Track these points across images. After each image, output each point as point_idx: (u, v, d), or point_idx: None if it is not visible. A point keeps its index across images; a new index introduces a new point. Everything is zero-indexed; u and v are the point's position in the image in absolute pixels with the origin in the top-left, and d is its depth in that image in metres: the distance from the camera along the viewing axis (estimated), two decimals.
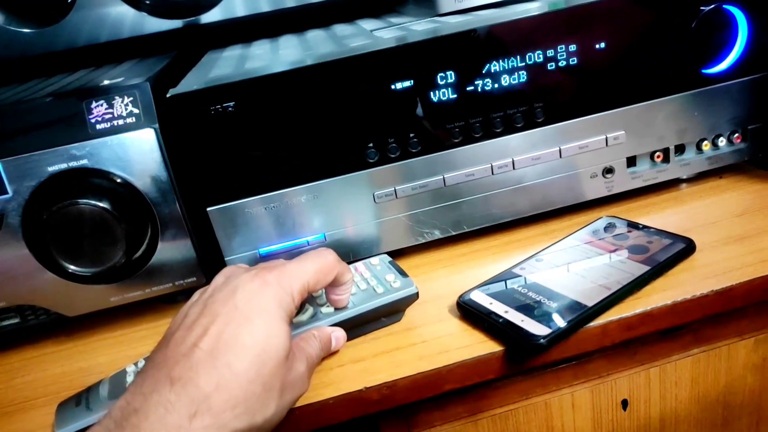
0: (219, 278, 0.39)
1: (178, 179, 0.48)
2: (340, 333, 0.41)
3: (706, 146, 0.55)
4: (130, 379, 0.41)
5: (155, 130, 0.46)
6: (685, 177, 0.57)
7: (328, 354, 0.42)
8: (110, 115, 0.46)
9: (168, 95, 0.45)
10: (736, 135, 0.55)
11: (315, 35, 0.65)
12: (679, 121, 0.53)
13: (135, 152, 0.46)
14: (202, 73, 0.52)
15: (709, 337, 0.47)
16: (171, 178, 0.47)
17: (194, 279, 0.50)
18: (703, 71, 0.52)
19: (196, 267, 0.50)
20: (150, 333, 0.52)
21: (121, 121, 0.46)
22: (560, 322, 0.40)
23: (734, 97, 0.53)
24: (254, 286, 0.35)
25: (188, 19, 0.68)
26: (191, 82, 0.49)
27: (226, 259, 0.51)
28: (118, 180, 0.46)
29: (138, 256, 0.48)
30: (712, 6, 0.49)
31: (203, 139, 0.46)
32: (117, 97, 0.46)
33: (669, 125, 0.53)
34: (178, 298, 0.53)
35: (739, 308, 0.44)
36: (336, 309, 0.43)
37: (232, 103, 0.46)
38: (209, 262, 0.51)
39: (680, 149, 0.55)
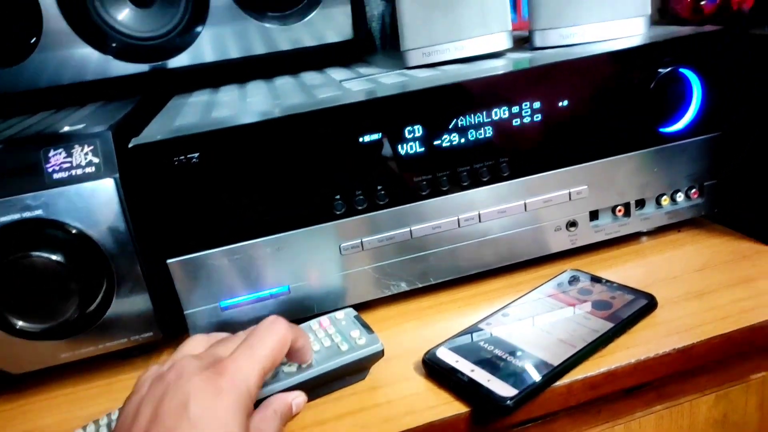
0: (170, 374, 0.35)
1: (138, 230, 0.47)
2: (300, 399, 0.40)
3: (665, 201, 0.56)
4: None
5: (115, 180, 0.45)
6: (645, 230, 0.58)
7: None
8: (68, 164, 0.44)
9: (130, 145, 0.44)
10: (694, 191, 0.56)
11: (284, 83, 0.65)
12: (639, 176, 0.55)
13: (93, 203, 0.44)
14: (166, 121, 0.52)
15: (672, 394, 0.47)
16: (130, 229, 0.45)
17: (151, 334, 0.48)
18: (661, 130, 0.54)
19: (154, 321, 0.48)
20: (103, 390, 0.49)
21: (79, 171, 0.44)
22: (526, 382, 0.40)
23: (691, 155, 0.55)
24: (208, 395, 0.33)
25: (155, 64, 0.67)
26: (155, 130, 0.48)
27: (185, 312, 0.49)
28: (74, 231, 0.44)
29: (92, 310, 0.46)
30: (669, 69, 0.51)
31: (166, 189, 0.45)
32: (77, 146, 0.45)
33: (629, 181, 0.55)
34: (134, 353, 0.51)
35: (700, 365, 0.45)
36: (298, 367, 0.41)
37: (196, 154, 0.45)
38: (168, 315, 0.50)
39: (640, 204, 0.56)
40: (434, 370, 0.43)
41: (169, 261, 0.47)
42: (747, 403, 0.49)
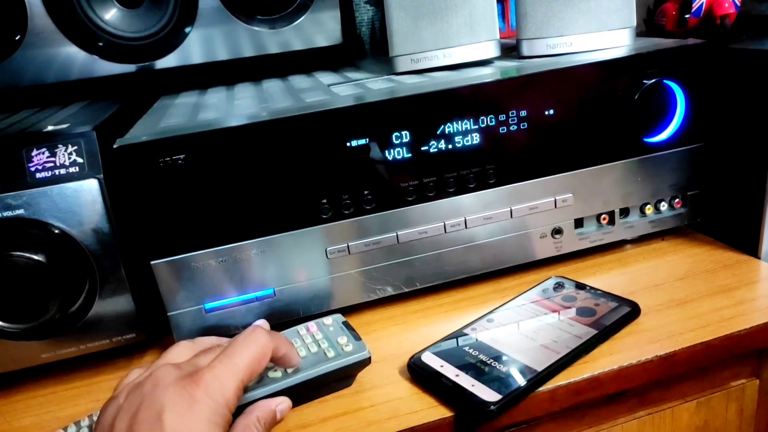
0: (147, 383, 0.35)
1: (122, 231, 0.46)
2: (285, 405, 0.40)
3: (649, 210, 0.57)
4: None
5: (99, 180, 0.44)
6: (629, 239, 0.59)
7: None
8: (52, 164, 0.44)
9: (115, 146, 0.44)
10: (677, 200, 0.57)
11: (272, 86, 0.65)
12: (624, 185, 0.55)
13: (76, 203, 0.44)
14: (152, 122, 0.51)
15: (654, 400, 0.48)
16: (113, 230, 0.45)
17: (134, 335, 0.48)
18: (645, 140, 0.54)
19: (136, 323, 0.48)
20: (83, 391, 0.48)
21: (63, 171, 0.44)
22: (510, 387, 0.40)
23: (674, 165, 0.56)
24: (183, 406, 0.33)
25: (142, 64, 0.67)
26: (140, 131, 0.47)
27: (169, 314, 0.48)
28: (57, 231, 0.44)
29: (74, 310, 0.46)
30: (654, 80, 0.52)
31: (150, 191, 0.45)
32: (60, 146, 0.44)
33: (614, 189, 0.55)
34: (117, 354, 0.50)
35: (682, 372, 0.45)
36: (284, 372, 0.41)
37: (182, 156, 0.44)
38: (151, 317, 0.49)
39: (625, 212, 0.57)
40: (419, 374, 0.43)
41: (153, 262, 0.47)
42: (727, 410, 0.50)
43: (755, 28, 0.61)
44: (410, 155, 0.49)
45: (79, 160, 0.44)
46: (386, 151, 0.49)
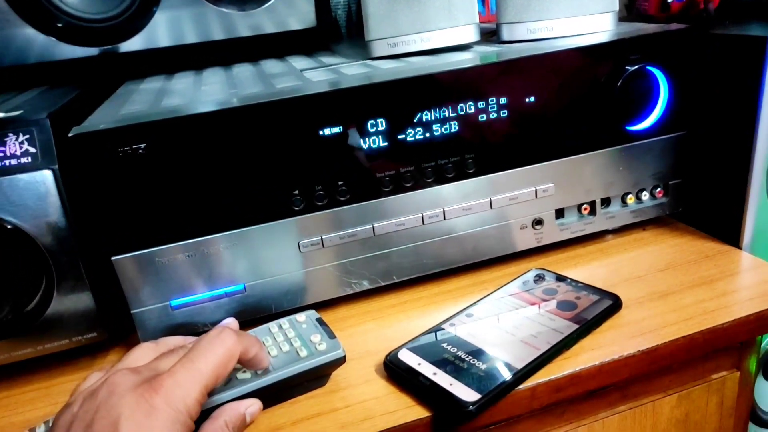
0: (102, 390, 0.32)
1: (80, 225, 0.43)
2: (255, 407, 0.38)
3: (631, 200, 0.56)
4: None
5: (54, 171, 0.41)
6: (610, 229, 0.57)
7: None
8: (2, 154, 0.41)
9: (71, 134, 0.41)
10: (659, 190, 0.56)
11: (242, 70, 0.62)
12: (605, 175, 0.54)
13: (29, 196, 0.41)
14: (113, 109, 0.48)
15: (636, 394, 0.47)
16: (70, 224, 0.42)
17: (94, 334, 0.45)
18: (628, 128, 0.53)
19: (98, 321, 0.45)
20: (41, 394, 0.46)
21: (14, 161, 0.41)
22: (490, 386, 0.38)
23: (656, 154, 0.55)
24: (140, 415, 0.30)
25: (105, 47, 0.63)
26: (99, 118, 0.45)
27: (132, 312, 0.46)
28: (9, 226, 0.41)
29: (29, 309, 0.43)
30: (637, 66, 0.50)
31: (109, 182, 0.42)
32: (11, 134, 0.41)
33: (596, 179, 0.54)
34: (78, 354, 0.48)
35: (664, 366, 0.44)
36: (254, 373, 0.39)
37: (143, 145, 0.42)
38: (114, 315, 0.47)
39: (606, 202, 0.56)
40: (395, 372, 0.42)
41: (114, 258, 0.44)
42: (708, 403, 0.49)
43: (738, 12, 0.60)
44: (386, 144, 0.47)
45: (32, 149, 0.42)
46: (361, 140, 0.47)
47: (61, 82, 0.63)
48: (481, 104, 0.49)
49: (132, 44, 0.64)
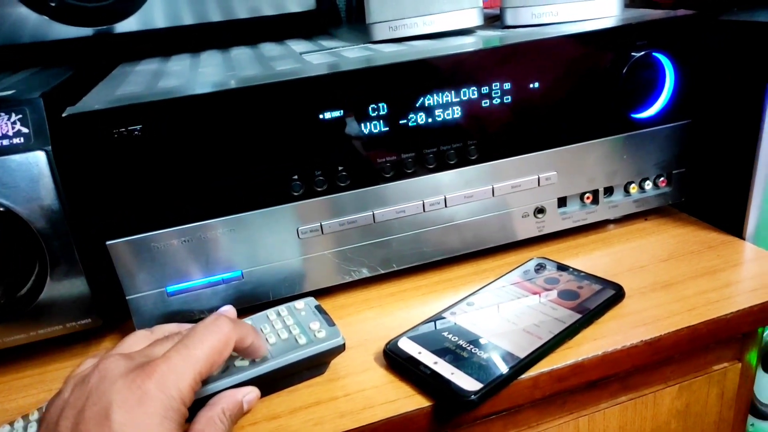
0: (93, 377, 0.32)
1: (74, 208, 0.42)
2: (252, 395, 0.37)
3: (634, 189, 0.55)
4: None
5: (47, 152, 0.40)
6: (612, 218, 0.57)
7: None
8: None
9: (65, 114, 0.40)
10: (662, 179, 0.55)
11: (240, 53, 0.61)
12: (609, 163, 0.53)
13: (22, 177, 0.40)
14: (108, 90, 0.47)
15: (637, 385, 0.46)
16: (64, 207, 0.41)
17: (89, 320, 0.45)
18: (633, 116, 0.52)
19: (92, 307, 0.44)
20: (35, 380, 0.45)
21: (6, 142, 0.40)
22: (492, 376, 0.38)
23: (660, 143, 0.54)
24: (133, 401, 0.30)
25: (100, 28, 0.62)
26: (94, 99, 0.43)
27: (128, 298, 0.45)
28: (1, 209, 0.40)
29: (22, 294, 0.42)
30: (643, 53, 0.49)
31: (104, 165, 0.41)
32: (3, 114, 0.40)
33: (599, 167, 0.53)
34: (72, 340, 0.47)
35: (667, 356, 0.44)
36: (252, 361, 0.38)
37: (138, 126, 0.41)
38: (109, 300, 0.46)
39: (609, 191, 0.55)
40: (396, 361, 0.41)
41: (108, 243, 0.43)
42: (708, 394, 0.49)
43: None
44: (387, 129, 0.46)
45: (25, 130, 0.40)
46: (362, 125, 0.46)
47: (54, 63, 0.62)
48: (484, 90, 0.48)
49: (127, 25, 0.62)
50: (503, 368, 0.39)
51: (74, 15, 0.60)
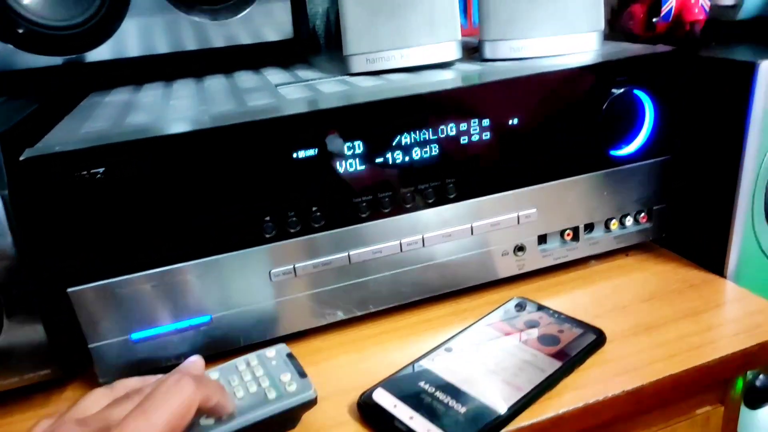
0: None
1: (33, 254, 0.40)
2: None
3: (614, 225, 0.54)
4: None
5: (3, 197, 0.38)
6: (593, 255, 0.56)
7: None
8: None
9: (22, 157, 0.38)
10: (642, 215, 0.55)
11: (214, 83, 0.60)
12: (589, 200, 0.52)
13: None
14: (73, 126, 0.45)
15: (619, 431, 0.45)
16: (21, 254, 0.39)
17: (48, 372, 0.42)
18: (612, 153, 0.51)
19: (51, 357, 0.42)
20: None
21: None
22: None
23: (640, 179, 0.53)
24: None
25: (69, 57, 0.60)
26: (55, 138, 0.42)
27: (90, 346, 0.43)
28: None
29: None
30: (623, 89, 0.49)
31: (65, 209, 0.39)
32: None
33: (579, 204, 0.52)
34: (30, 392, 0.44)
35: (650, 405, 0.43)
36: (217, 419, 0.36)
37: (101, 169, 0.39)
38: (69, 349, 0.44)
39: (589, 228, 0.54)
40: (370, 414, 0.40)
41: (69, 290, 0.41)
42: None
43: (723, 34, 0.59)
44: (363, 167, 0.45)
45: None
46: (337, 163, 0.44)
47: (21, 94, 0.60)
48: (463, 126, 0.47)
49: (99, 53, 0.61)
50: (482, 424, 0.37)
51: (43, 43, 0.58)
